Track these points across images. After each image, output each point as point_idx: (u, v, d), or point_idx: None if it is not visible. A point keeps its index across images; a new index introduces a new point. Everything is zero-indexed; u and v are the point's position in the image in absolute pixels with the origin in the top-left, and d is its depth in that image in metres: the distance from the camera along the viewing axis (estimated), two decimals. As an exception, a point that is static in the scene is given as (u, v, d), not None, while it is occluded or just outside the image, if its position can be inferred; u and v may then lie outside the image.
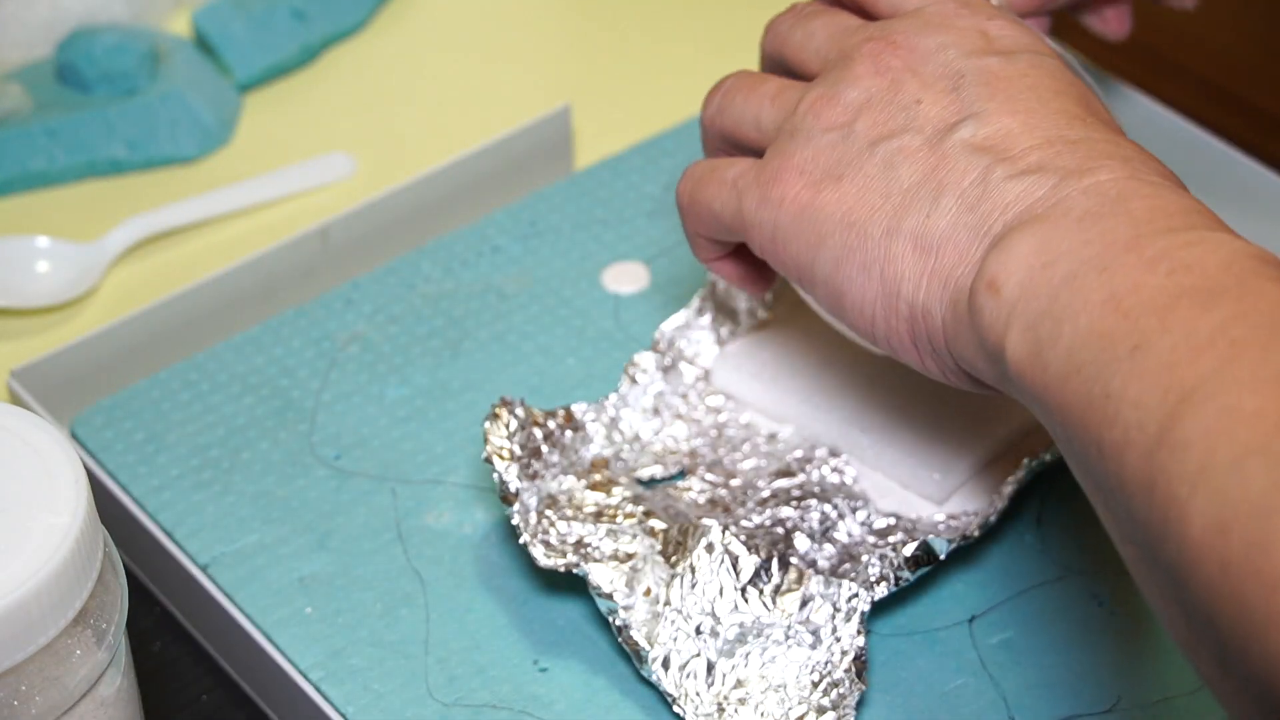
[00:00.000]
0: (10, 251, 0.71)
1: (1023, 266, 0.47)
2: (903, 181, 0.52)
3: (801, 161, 0.54)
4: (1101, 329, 0.44)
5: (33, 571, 0.44)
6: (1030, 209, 0.48)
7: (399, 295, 0.68)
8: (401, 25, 0.82)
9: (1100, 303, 0.44)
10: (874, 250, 0.51)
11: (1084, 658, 0.57)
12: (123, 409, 0.64)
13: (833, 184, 0.53)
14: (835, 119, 0.54)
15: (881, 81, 0.53)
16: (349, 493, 0.62)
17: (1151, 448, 0.42)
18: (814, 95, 0.54)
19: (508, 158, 0.73)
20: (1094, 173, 0.48)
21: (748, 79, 0.58)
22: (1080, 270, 0.45)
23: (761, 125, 0.56)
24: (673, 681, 0.55)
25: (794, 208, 0.53)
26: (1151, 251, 0.45)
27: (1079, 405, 0.44)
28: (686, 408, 0.63)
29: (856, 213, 0.52)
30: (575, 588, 0.59)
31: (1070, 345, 0.45)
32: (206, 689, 0.60)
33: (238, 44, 0.78)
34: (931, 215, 0.50)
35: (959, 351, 0.50)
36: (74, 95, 0.76)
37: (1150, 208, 0.46)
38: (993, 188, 0.50)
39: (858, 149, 0.53)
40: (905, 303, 0.51)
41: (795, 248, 0.53)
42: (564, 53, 0.82)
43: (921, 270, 0.50)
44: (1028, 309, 0.46)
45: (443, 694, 0.56)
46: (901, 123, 0.53)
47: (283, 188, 0.74)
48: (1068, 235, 0.47)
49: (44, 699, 0.46)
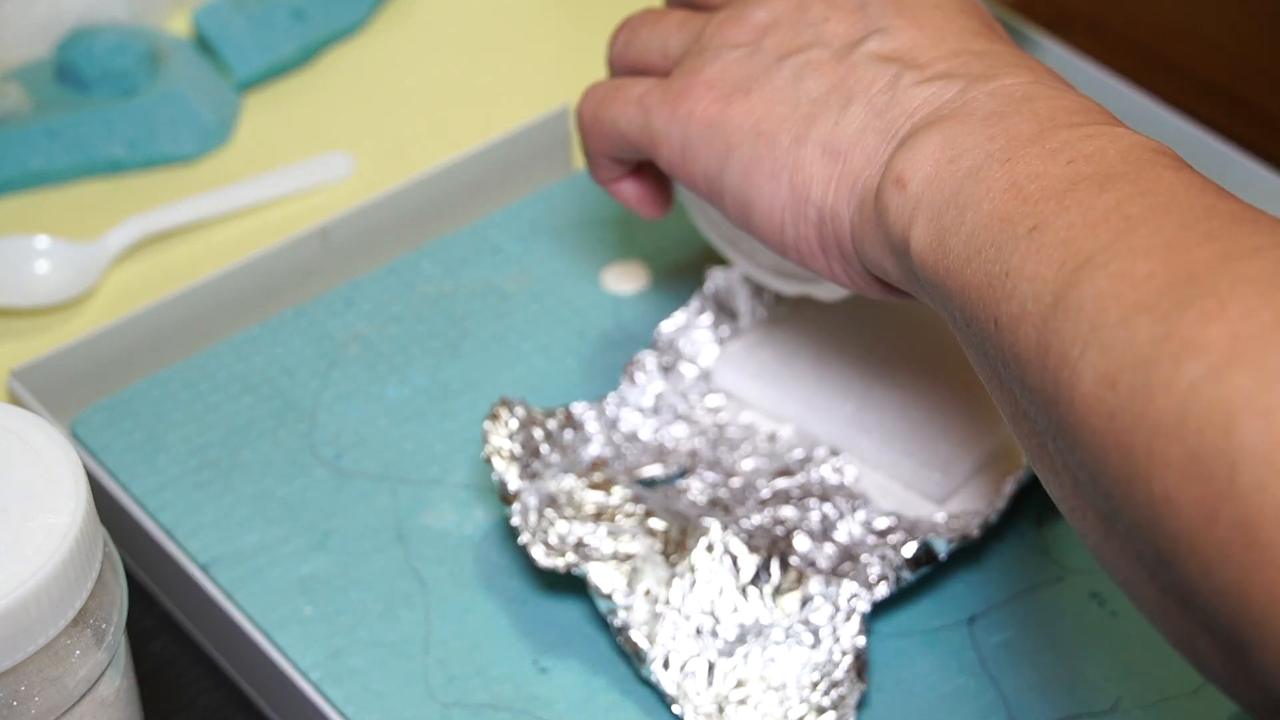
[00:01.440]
0: (10, 251, 0.71)
1: (929, 162, 0.48)
2: (811, 92, 0.53)
3: (710, 76, 0.55)
4: (1002, 213, 0.45)
5: (32, 571, 0.44)
6: (937, 111, 0.50)
7: (399, 295, 0.68)
8: (401, 25, 0.82)
9: (1002, 190, 0.46)
10: (782, 157, 0.53)
11: (1084, 658, 0.57)
12: (123, 409, 0.64)
13: (741, 96, 0.54)
14: (742, 37, 0.55)
15: (788, 3, 0.55)
16: (349, 493, 0.62)
17: (1046, 316, 0.43)
18: (721, 17, 0.56)
19: (507, 158, 0.73)
20: (1000, 77, 0.50)
21: (653, 13, 0.59)
22: (984, 163, 0.47)
23: (668, 51, 0.58)
24: (673, 681, 0.55)
25: (703, 120, 0.54)
26: (1053, 143, 0.46)
27: (978, 285, 0.45)
28: (686, 408, 0.63)
29: (765, 123, 0.53)
30: (575, 588, 0.59)
31: (971, 230, 0.46)
32: (206, 689, 0.60)
33: (238, 44, 0.78)
34: (840, 122, 0.52)
35: (866, 252, 0.51)
36: (74, 95, 0.76)
37: (1053, 107, 0.48)
38: (900, 93, 0.51)
39: (765, 63, 0.54)
40: (814, 207, 0.52)
41: (704, 159, 0.55)
42: (564, 53, 0.82)
43: (830, 174, 0.52)
44: (932, 201, 0.48)
45: (443, 694, 0.56)
46: (809, 39, 0.54)
47: (282, 188, 0.74)
48: (973, 132, 0.48)
49: (44, 699, 0.46)
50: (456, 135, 0.76)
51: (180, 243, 0.72)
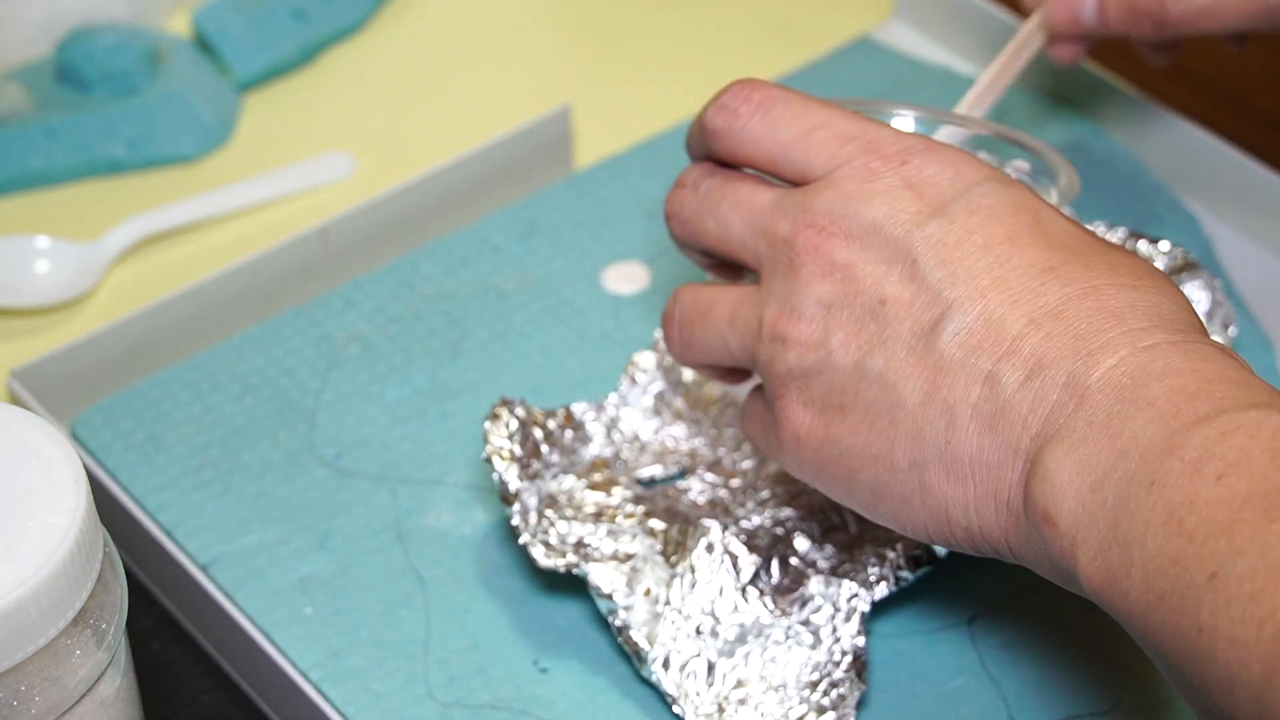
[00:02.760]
0: (10, 251, 0.71)
1: (1070, 495, 0.46)
2: (906, 403, 0.50)
3: (797, 395, 0.52)
4: (1172, 554, 0.43)
5: (32, 571, 0.44)
6: (1052, 419, 0.47)
7: (399, 295, 0.68)
8: (401, 25, 0.82)
9: (1161, 524, 0.43)
10: (906, 483, 0.50)
11: (1084, 658, 0.57)
12: (123, 409, 0.64)
13: (838, 415, 0.51)
14: (804, 338, 0.52)
15: (834, 283, 0.51)
16: (349, 493, 0.62)
17: (1261, 691, 0.41)
18: (771, 315, 0.52)
19: (508, 158, 0.73)
20: (1098, 359, 0.47)
21: (695, 305, 0.56)
22: (1129, 490, 0.44)
23: (732, 351, 0.55)
24: (673, 682, 0.55)
25: (812, 443, 0.52)
26: (1191, 453, 0.43)
27: (1170, 637, 0.43)
28: (686, 408, 0.63)
29: (875, 445, 0.50)
30: (575, 588, 0.59)
31: (1144, 573, 0.43)
32: (206, 689, 0.60)
33: (238, 44, 0.78)
34: (951, 440, 0.49)
35: (1028, 561, 0.49)
36: (74, 95, 0.76)
37: (1170, 390, 0.45)
38: (1003, 403, 0.48)
39: (845, 374, 0.51)
40: (959, 528, 0.50)
41: (827, 479, 0.52)
42: (564, 53, 0.82)
43: (964, 498, 0.49)
44: (1089, 537, 0.45)
45: (443, 694, 0.56)
46: (876, 332, 0.50)
47: (282, 187, 0.74)
48: (1101, 449, 0.45)
49: (44, 699, 0.46)
50: (456, 135, 0.76)
51: (180, 243, 0.72)
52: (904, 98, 0.77)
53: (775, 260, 0.53)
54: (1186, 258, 0.66)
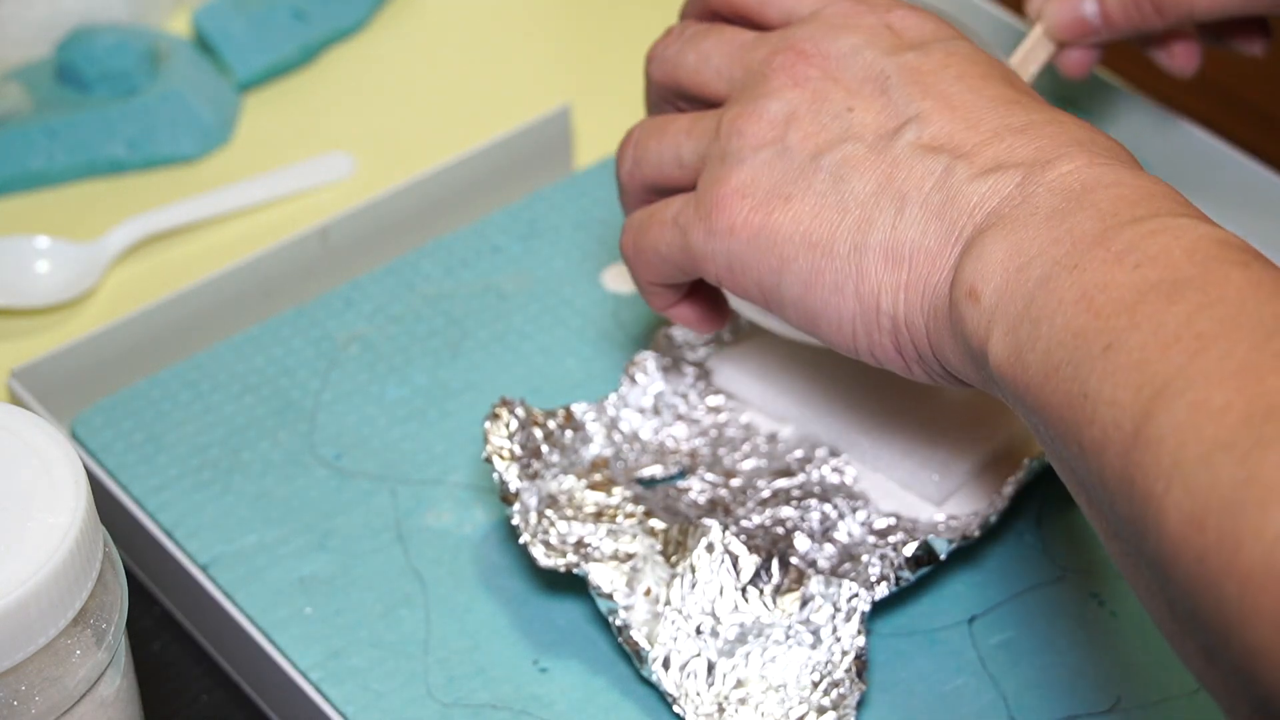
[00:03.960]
0: (10, 251, 0.71)
1: (998, 271, 0.47)
2: (857, 193, 0.51)
3: (740, 184, 0.52)
4: (1076, 328, 0.44)
5: (32, 571, 0.44)
6: (998, 210, 0.48)
7: (399, 295, 0.68)
8: (401, 25, 0.82)
9: (1073, 302, 0.45)
10: (843, 268, 0.51)
11: (1084, 658, 0.57)
12: (123, 409, 0.64)
13: (781, 203, 0.52)
14: (763, 135, 0.53)
15: (802, 92, 0.53)
16: (349, 493, 0.62)
17: (1128, 445, 0.42)
18: (733, 113, 0.53)
19: (508, 158, 0.73)
20: (1054, 164, 0.48)
21: (654, 123, 0.57)
22: (1053, 271, 0.46)
23: (683, 160, 0.55)
24: (673, 681, 0.55)
25: (746, 233, 0.52)
26: (1118, 245, 0.45)
27: (1059, 405, 0.44)
28: (686, 408, 0.63)
29: (816, 231, 0.51)
30: (575, 588, 0.59)
31: (1047, 346, 0.45)
32: (206, 689, 0.60)
33: (238, 44, 0.78)
34: (898, 225, 0.50)
35: (944, 356, 0.50)
36: (74, 95, 0.76)
37: (1114, 197, 0.47)
38: (956, 190, 0.49)
39: (799, 164, 0.52)
40: (886, 316, 0.50)
41: (756, 273, 0.52)
42: (564, 53, 0.82)
43: (897, 282, 0.50)
44: (1006, 313, 0.46)
45: (443, 694, 0.56)
46: (838, 132, 0.52)
47: (282, 188, 0.74)
48: (1038, 235, 0.47)
49: (44, 699, 0.46)
50: (456, 135, 0.76)
51: (180, 243, 0.72)
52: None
53: (747, 80, 0.54)
54: (1186, 258, 0.66)
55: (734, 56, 0.55)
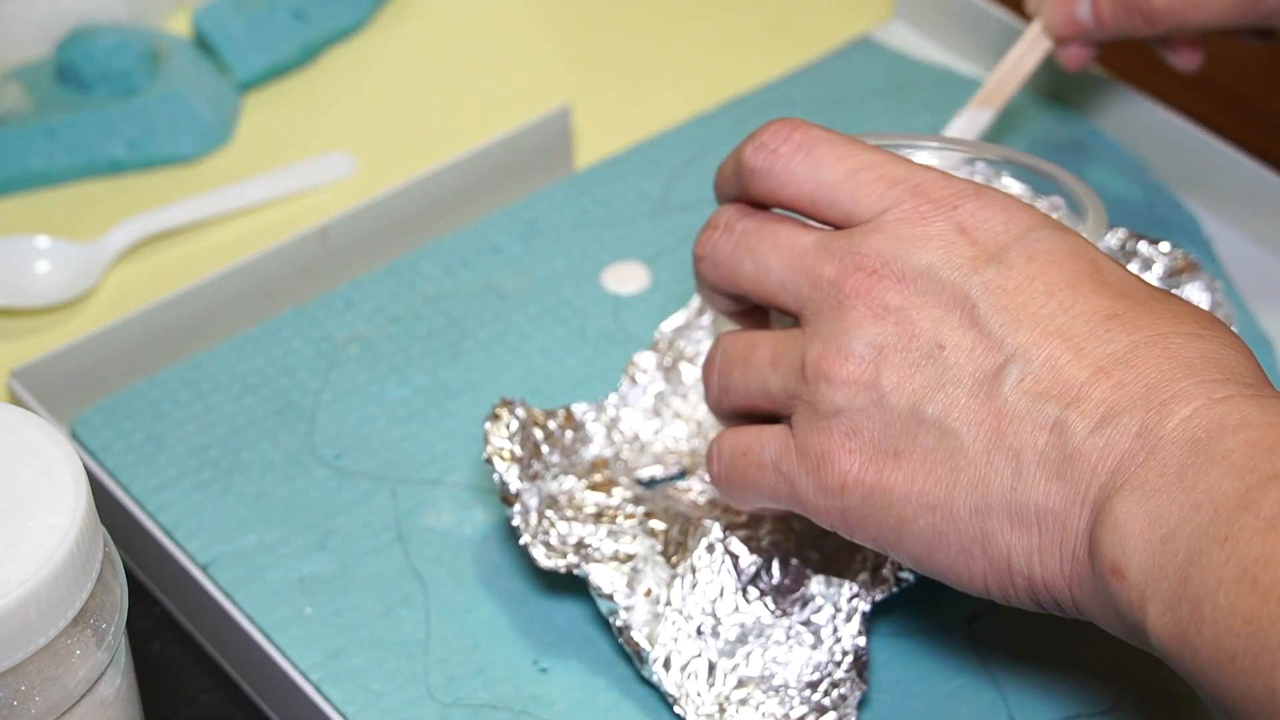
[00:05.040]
0: (10, 251, 0.71)
1: (1140, 546, 0.44)
2: (968, 449, 0.48)
3: (842, 438, 0.50)
4: (1245, 613, 0.41)
5: (32, 571, 0.44)
6: (1121, 469, 0.46)
7: (399, 295, 0.68)
8: (401, 25, 0.82)
9: (1234, 580, 0.42)
10: (967, 530, 0.48)
11: (1084, 658, 0.57)
12: (123, 409, 0.64)
13: (891, 461, 0.49)
14: (854, 378, 0.50)
15: (885, 326, 0.50)
16: (349, 493, 0.62)
17: None
18: (816, 352, 0.50)
19: (508, 158, 0.73)
20: (1171, 408, 0.45)
21: (737, 348, 0.54)
22: (1202, 544, 0.43)
23: (772, 394, 0.52)
24: (673, 682, 0.55)
25: (859, 491, 0.50)
26: (1267, 509, 0.42)
27: (1242, 698, 0.42)
28: (687, 408, 0.63)
29: (933, 492, 0.49)
30: (575, 588, 0.59)
31: (1215, 631, 0.42)
32: (206, 689, 0.60)
33: (238, 43, 0.78)
34: (1017, 488, 0.47)
35: (1093, 615, 0.47)
36: (74, 95, 0.76)
37: (1246, 445, 0.44)
38: (1072, 450, 0.46)
39: (900, 416, 0.49)
40: (1020, 576, 0.48)
41: (874, 529, 0.50)
42: (564, 53, 0.82)
43: (1029, 545, 0.47)
44: (1159, 590, 0.44)
45: (443, 694, 0.56)
46: (934, 376, 0.49)
47: (282, 187, 0.74)
48: (1173, 499, 0.44)
49: (44, 699, 0.46)
50: (456, 135, 0.76)
51: (180, 243, 0.72)
52: (904, 98, 0.77)
53: (820, 302, 0.51)
54: (1186, 258, 0.66)
55: (797, 269, 0.52)
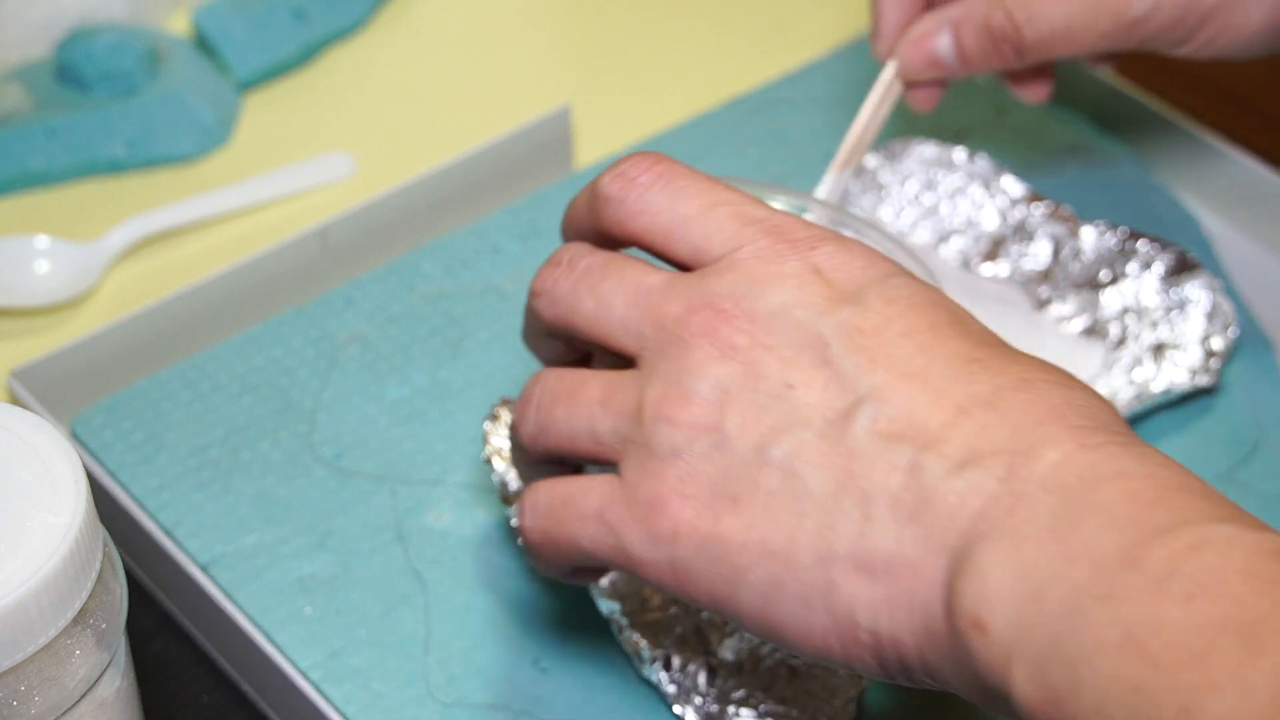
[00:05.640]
0: (10, 251, 0.71)
1: (1007, 600, 0.41)
2: (814, 493, 0.44)
3: (677, 483, 0.46)
4: (1131, 681, 0.38)
5: (32, 571, 0.44)
6: (984, 514, 0.42)
7: (399, 295, 0.68)
8: (401, 25, 0.82)
9: (1117, 645, 0.39)
10: (809, 579, 0.44)
11: (1084, 658, 0.57)
12: (123, 409, 0.64)
13: (729, 506, 0.45)
14: (695, 422, 0.46)
15: (732, 366, 0.46)
16: (349, 493, 0.62)
17: None
18: (655, 395, 0.47)
19: (508, 158, 0.73)
20: (1038, 452, 0.42)
21: (561, 384, 0.49)
22: (1079, 602, 0.40)
23: (599, 438, 0.48)
24: (673, 682, 0.55)
25: (692, 540, 0.46)
26: (1153, 566, 0.39)
27: None
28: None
29: (773, 539, 0.45)
30: (575, 588, 0.59)
31: (1097, 699, 0.39)
32: (206, 689, 0.60)
33: (238, 43, 0.78)
34: (866, 533, 0.44)
35: (944, 679, 0.44)
36: (73, 95, 0.76)
37: (1125, 495, 0.41)
38: (929, 490, 0.43)
39: (742, 459, 0.45)
40: (865, 632, 0.44)
41: (707, 582, 0.46)
42: (564, 53, 0.82)
43: (874, 596, 0.44)
44: (1027, 650, 0.40)
45: (443, 694, 0.56)
46: (781, 417, 0.45)
47: (282, 188, 0.74)
48: (1045, 552, 0.41)
49: (43, 699, 0.46)
50: (456, 135, 0.76)
51: (180, 243, 0.72)
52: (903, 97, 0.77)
53: (663, 343, 0.47)
54: (1186, 258, 0.66)
55: (641, 308, 0.48)
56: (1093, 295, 0.65)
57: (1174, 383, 0.64)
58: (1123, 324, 0.65)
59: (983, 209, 0.68)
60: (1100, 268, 0.66)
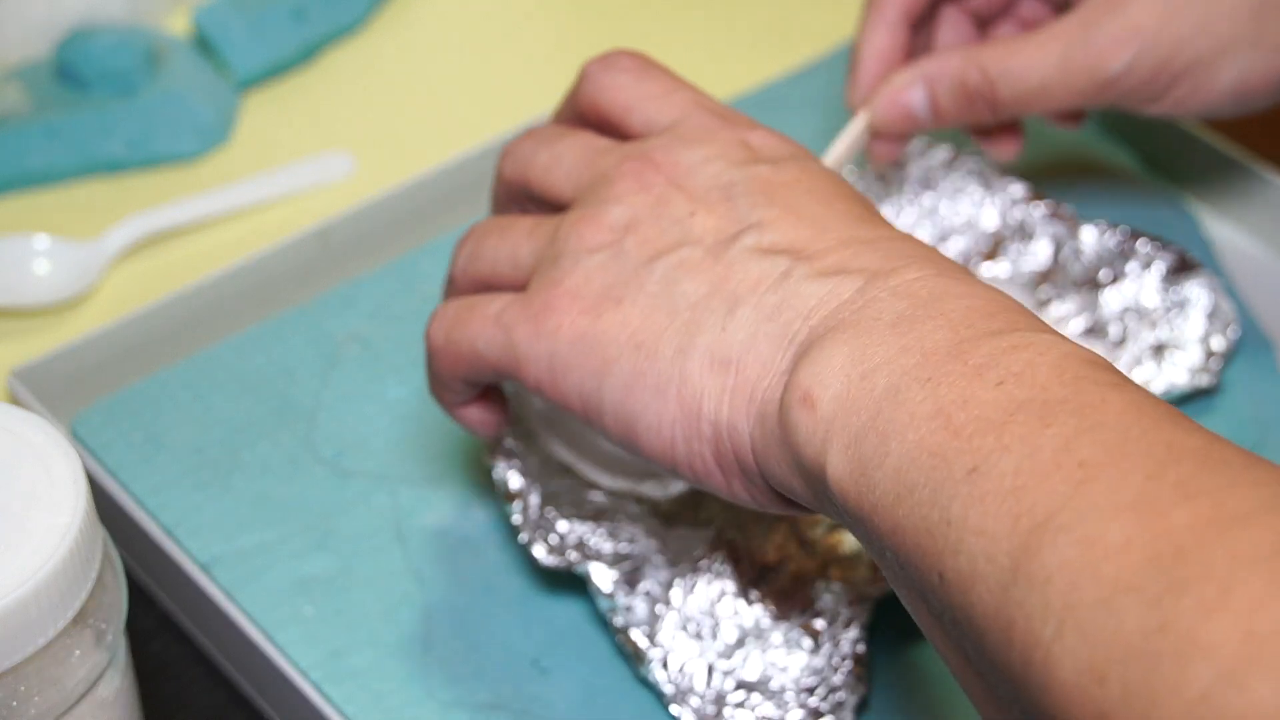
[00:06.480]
0: (10, 251, 0.71)
1: (839, 378, 0.44)
2: (689, 295, 0.48)
3: (573, 286, 0.50)
4: (933, 446, 0.41)
5: (32, 571, 0.44)
6: (836, 313, 0.45)
7: (399, 295, 0.68)
8: (401, 25, 0.82)
9: (928, 417, 0.41)
10: (667, 370, 0.48)
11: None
12: (123, 409, 0.64)
13: (612, 305, 0.49)
14: (601, 238, 0.50)
15: (646, 197, 0.50)
16: (349, 493, 0.62)
17: (1005, 581, 0.38)
18: (574, 217, 0.51)
19: (508, 157, 0.73)
20: (900, 271, 0.46)
21: (498, 222, 0.54)
22: (902, 382, 0.42)
23: (519, 261, 0.52)
24: (672, 682, 0.55)
25: (571, 334, 0.49)
26: (976, 358, 0.42)
27: (914, 530, 0.41)
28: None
29: (643, 333, 0.48)
30: (575, 588, 0.59)
31: (899, 464, 0.42)
32: (206, 689, 0.60)
33: (238, 43, 0.78)
34: (727, 328, 0.47)
35: (771, 471, 0.46)
36: (73, 94, 0.76)
37: (966, 308, 0.44)
38: (791, 291, 0.47)
39: (633, 267, 0.49)
40: (708, 422, 0.47)
41: (578, 377, 0.49)
42: (564, 53, 0.82)
43: (722, 386, 0.47)
44: (847, 424, 0.43)
45: (443, 694, 0.56)
46: (676, 236, 0.49)
47: (282, 187, 0.74)
48: (883, 342, 0.44)
49: (43, 699, 0.46)
50: (456, 135, 0.76)
51: (180, 243, 0.72)
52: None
53: (594, 183, 0.52)
54: (1186, 258, 0.66)
55: (586, 160, 0.53)
56: (1093, 295, 0.65)
57: (1174, 383, 0.64)
58: (1123, 324, 0.65)
59: (983, 209, 0.68)
60: (1100, 268, 0.66)
